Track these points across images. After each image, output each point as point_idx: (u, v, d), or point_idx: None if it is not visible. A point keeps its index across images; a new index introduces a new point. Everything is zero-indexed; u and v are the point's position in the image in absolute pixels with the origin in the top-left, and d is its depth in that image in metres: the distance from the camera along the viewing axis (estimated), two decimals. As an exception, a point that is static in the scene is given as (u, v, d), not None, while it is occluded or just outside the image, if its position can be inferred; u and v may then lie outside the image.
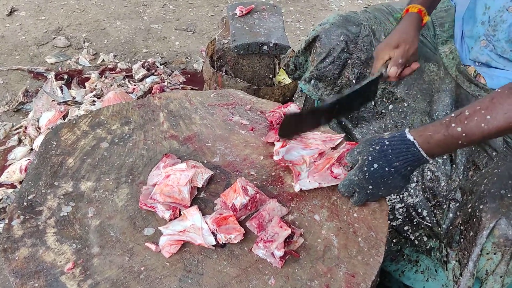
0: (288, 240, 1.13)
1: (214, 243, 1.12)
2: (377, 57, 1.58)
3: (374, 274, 1.11)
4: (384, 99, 1.80)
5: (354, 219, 1.24)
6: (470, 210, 1.35)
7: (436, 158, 1.62)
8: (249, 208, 1.20)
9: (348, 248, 1.17)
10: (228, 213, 1.17)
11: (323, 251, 1.15)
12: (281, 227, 1.14)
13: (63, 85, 2.90)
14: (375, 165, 1.20)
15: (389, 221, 1.55)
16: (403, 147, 1.19)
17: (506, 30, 1.51)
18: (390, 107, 1.80)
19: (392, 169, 1.20)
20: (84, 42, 3.43)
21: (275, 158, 1.36)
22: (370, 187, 1.22)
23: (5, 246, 1.11)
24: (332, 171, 1.28)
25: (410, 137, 1.19)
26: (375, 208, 1.27)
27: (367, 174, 1.21)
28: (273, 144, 1.42)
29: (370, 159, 1.20)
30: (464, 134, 1.15)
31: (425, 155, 1.18)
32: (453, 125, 1.16)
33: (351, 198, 1.27)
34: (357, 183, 1.23)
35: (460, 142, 1.17)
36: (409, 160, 1.19)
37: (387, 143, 1.20)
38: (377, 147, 1.21)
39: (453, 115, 1.18)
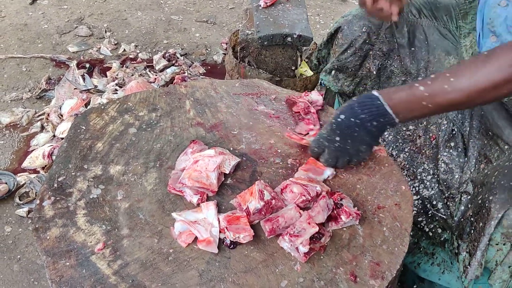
0: (315, 240, 1.12)
1: (217, 243, 1.12)
2: None
3: (399, 263, 1.12)
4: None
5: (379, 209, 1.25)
6: (480, 201, 1.35)
7: (451, 151, 1.62)
8: (263, 213, 1.16)
9: (373, 237, 1.18)
10: (242, 214, 1.16)
11: (348, 240, 1.16)
12: (309, 223, 1.12)
13: (85, 74, 2.94)
14: (342, 116, 1.24)
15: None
16: (367, 101, 1.24)
17: (503, 24, 1.50)
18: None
19: (358, 121, 1.23)
20: (105, 32, 3.45)
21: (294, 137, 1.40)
22: (337, 138, 1.25)
23: (37, 226, 1.14)
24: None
25: (375, 92, 1.24)
26: (400, 199, 1.28)
27: (334, 125, 1.25)
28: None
29: (337, 112, 1.26)
30: (426, 94, 1.19)
31: (389, 110, 1.22)
32: (416, 84, 1.21)
33: (321, 157, 1.30)
34: (326, 135, 1.27)
35: (424, 102, 1.20)
36: (374, 113, 1.23)
37: (354, 99, 1.26)
38: (345, 104, 1.26)
39: (419, 79, 1.22)
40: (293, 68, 2.40)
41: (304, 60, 2.40)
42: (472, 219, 1.37)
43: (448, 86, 1.17)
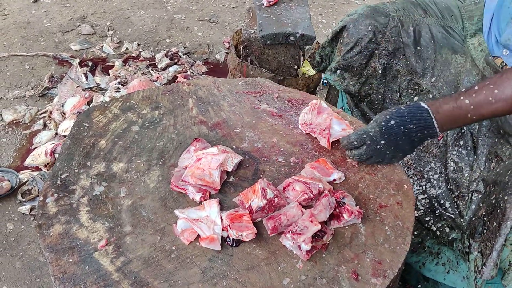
0: (317, 238, 1.13)
1: (220, 241, 1.12)
2: None
3: (401, 262, 1.12)
4: (409, 90, 1.81)
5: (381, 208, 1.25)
6: (494, 201, 1.35)
7: (460, 150, 1.63)
8: (266, 211, 1.17)
9: (375, 235, 1.18)
10: (244, 212, 1.16)
11: (350, 238, 1.17)
12: (311, 221, 1.13)
13: (87, 72, 2.94)
14: (392, 121, 1.27)
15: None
16: (417, 112, 1.27)
17: None
18: (416, 98, 1.80)
19: (406, 130, 1.27)
20: (108, 30, 3.46)
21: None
22: (382, 142, 1.28)
23: (40, 222, 1.14)
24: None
25: (424, 105, 1.28)
26: (402, 198, 1.28)
27: (383, 128, 1.27)
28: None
29: (387, 117, 1.28)
30: (472, 107, 1.24)
31: (435, 124, 1.27)
32: (461, 97, 1.25)
33: (356, 149, 1.32)
34: (372, 135, 1.28)
35: (469, 115, 1.25)
36: (421, 125, 1.27)
37: (403, 108, 1.29)
38: (394, 109, 1.28)
39: (463, 90, 1.27)
40: (296, 67, 2.41)
41: (307, 59, 2.40)
42: (485, 218, 1.37)
43: (493, 98, 1.22)
